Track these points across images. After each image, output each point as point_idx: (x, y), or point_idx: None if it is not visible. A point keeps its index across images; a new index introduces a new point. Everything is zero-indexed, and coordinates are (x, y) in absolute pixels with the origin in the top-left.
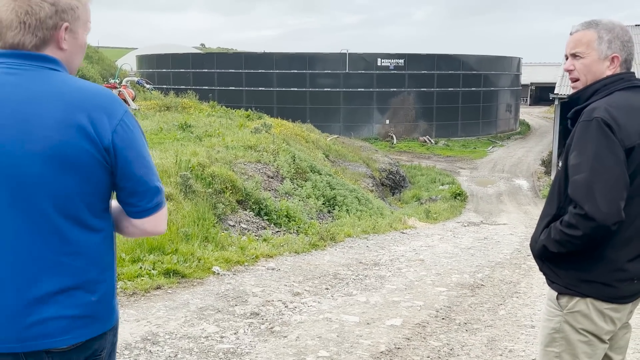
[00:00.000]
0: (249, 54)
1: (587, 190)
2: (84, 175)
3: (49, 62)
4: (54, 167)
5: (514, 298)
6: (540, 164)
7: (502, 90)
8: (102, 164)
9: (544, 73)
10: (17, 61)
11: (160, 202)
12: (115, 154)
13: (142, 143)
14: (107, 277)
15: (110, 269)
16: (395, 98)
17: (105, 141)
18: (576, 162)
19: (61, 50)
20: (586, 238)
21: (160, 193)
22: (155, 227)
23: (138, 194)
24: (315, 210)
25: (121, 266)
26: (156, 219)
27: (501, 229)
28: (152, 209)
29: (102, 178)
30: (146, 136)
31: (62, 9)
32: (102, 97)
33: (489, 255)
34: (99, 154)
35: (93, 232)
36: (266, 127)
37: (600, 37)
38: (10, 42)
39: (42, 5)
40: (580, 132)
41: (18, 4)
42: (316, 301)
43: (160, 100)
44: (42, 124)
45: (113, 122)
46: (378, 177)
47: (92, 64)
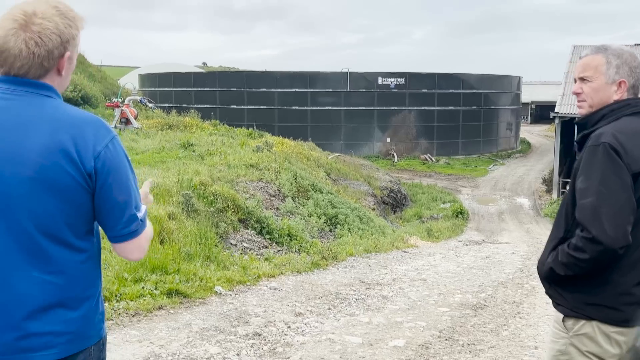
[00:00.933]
0: (251, 72)
1: (594, 214)
2: (67, 198)
3: (43, 89)
4: (38, 190)
5: (517, 319)
6: (542, 183)
7: (503, 108)
8: (85, 188)
9: (544, 92)
10: (12, 87)
11: (136, 231)
12: (97, 179)
13: (125, 169)
14: (91, 294)
15: (95, 286)
16: (396, 116)
17: (87, 166)
18: (583, 186)
19: (59, 76)
20: (593, 261)
21: (135, 221)
22: (129, 254)
23: (114, 219)
24: (317, 229)
25: (123, 286)
26: (130, 246)
27: (503, 247)
28: (126, 235)
29: (85, 201)
30: (148, 155)
31: (66, 39)
32: (89, 123)
33: (491, 274)
34: (81, 178)
35: (77, 252)
36: (268, 146)
37: (608, 62)
38: (16, 71)
39: (50, 37)
40: (588, 157)
41: (29, 35)
42: (319, 322)
43: (162, 119)
44: (29, 148)
45: (97, 148)
46: (379, 195)
47: (95, 83)
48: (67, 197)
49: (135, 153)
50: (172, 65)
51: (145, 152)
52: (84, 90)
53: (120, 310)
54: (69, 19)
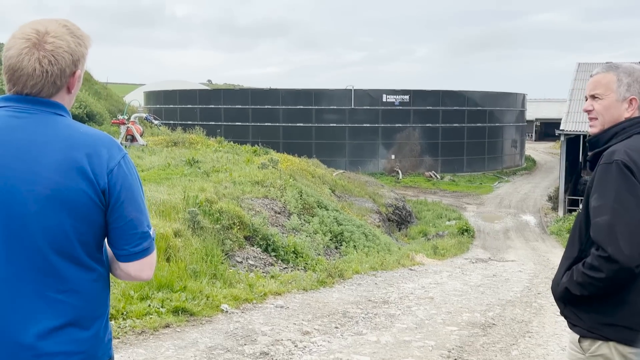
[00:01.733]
0: (256, 90)
1: (609, 232)
2: (81, 216)
3: (54, 107)
4: (52, 207)
5: (527, 338)
6: (547, 200)
7: (508, 126)
8: (98, 205)
9: (548, 109)
10: (25, 105)
11: (147, 249)
12: (110, 195)
13: (137, 187)
14: (101, 313)
15: (105, 305)
16: (400, 133)
17: (101, 183)
18: (597, 204)
19: (69, 94)
20: (609, 281)
21: (148, 239)
22: (140, 273)
23: (126, 237)
24: (322, 246)
25: (130, 304)
26: (141, 264)
27: (510, 265)
28: (138, 253)
29: (97, 219)
30: (154, 172)
31: (77, 58)
32: (103, 141)
33: (499, 293)
34: (95, 195)
35: (88, 271)
36: (273, 163)
37: (619, 80)
38: (28, 90)
39: (63, 55)
40: (601, 175)
41: (42, 53)
42: (326, 340)
43: (167, 136)
44: (43, 166)
45: (111, 165)
46: (384, 212)
47: (100, 100)
48: (82, 215)
49: (140, 170)
50: (177, 83)
51: (151, 169)
52: (89, 108)
53: (126, 328)
54: (78, 37)
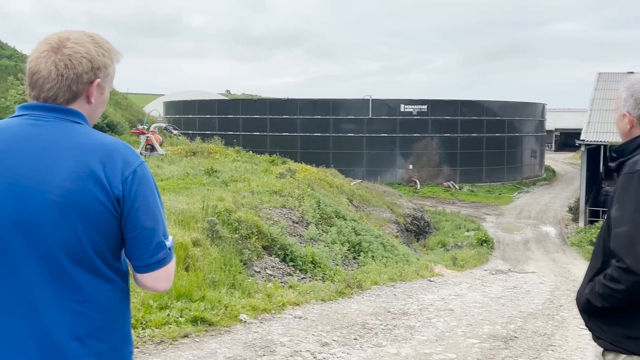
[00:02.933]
0: (273, 100)
1: (628, 243)
2: (94, 224)
3: (72, 115)
4: (67, 216)
5: (549, 351)
6: (568, 211)
7: (527, 136)
8: (113, 213)
9: (568, 119)
10: (42, 113)
11: (164, 259)
12: (124, 204)
13: (153, 196)
14: (120, 325)
15: (124, 316)
16: (418, 143)
17: (116, 191)
18: (618, 214)
19: (89, 104)
20: (629, 292)
21: (164, 249)
22: (156, 284)
23: (141, 247)
24: (340, 257)
25: (149, 313)
26: (158, 275)
27: (530, 277)
28: (154, 264)
29: (113, 228)
30: (173, 181)
31: (97, 66)
32: (118, 149)
33: (520, 305)
34: (110, 203)
35: (105, 281)
36: (291, 172)
37: (621, 94)
38: (45, 94)
39: (80, 60)
40: (623, 185)
41: (59, 57)
42: (345, 352)
43: (186, 146)
44: (59, 174)
45: (126, 172)
46: (402, 222)
47: (121, 110)
48: (95, 223)
49: (160, 179)
50: (196, 93)
51: (170, 178)
52: (109, 118)
53: (145, 337)
54: (102, 48)
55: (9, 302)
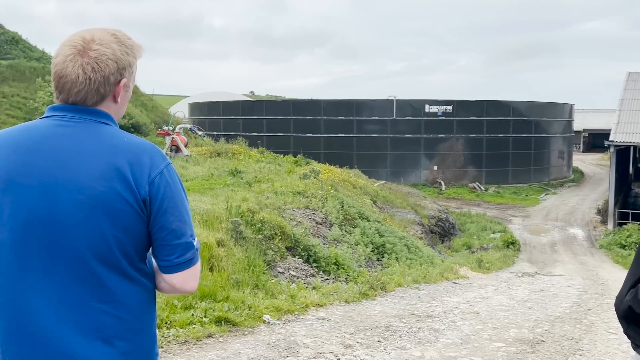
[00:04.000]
0: (297, 101)
1: None
2: (122, 225)
3: (101, 116)
4: (95, 216)
5: (577, 356)
6: (596, 213)
7: (554, 136)
8: (139, 214)
9: (596, 119)
10: (71, 114)
11: (192, 259)
12: (151, 205)
13: (180, 197)
14: (146, 327)
15: (150, 318)
16: (443, 144)
17: (142, 192)
18: None
19: (115, 103)
20: None
21: (192, 249)
22: (184, 285)
23: (169, 248)
24: (364, 258)
25: (173, 313)
26: (185, 275)
27: (557, 280)
28: (182, 264)
29: (139, 228)
30: (198, 182)
31: (123, 66)
32: (145, 149)
33: (547, 308)
34: (136, 204)
35: (132, 282)
36: (314, 173)
37: None
38: (73, 98)
39: (107, 63)
40: None
41: (86, 60)
42: (369, 354)
43: (211, 147)
44: (87, 174)
45: (153, 173)
46: (427, 224)
47: (147, 112)
48: (123, 224)
49: (185, 180)
50: (221, 94)
51: (195, 179)
52: (135, 119)
53: (170, 337)
54: (126, 46)
55: (38, 300)
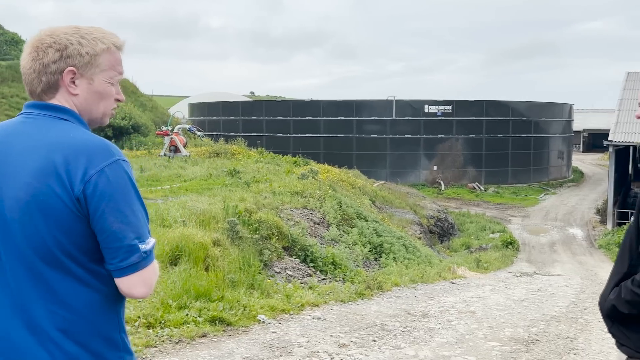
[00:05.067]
0: (297, 101)
1: None
2: (59, 224)
3: (59, 111)
4: (31, 214)
5: (572, 355)
6: (595, 213)
7: (554, 136)
8: (74, 212)
9: (596, 119)
10: (32, 110)
11: (137, 264)
12: (87, 204)
13: (124, 197)
14: (101, 330)
15: (107, 322)
16: (442, 144)
17: (76, 190)
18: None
19: (73, 95)
20: None
21: (136, 253)
22: (131, 289)
23: (111, 250)
24: (361, 258)
25: (168, 312)
26: (132, 280)
27: (555, 280)
28: (126, 268)
29: (80, 228)
30: (196, 182)
31: (69, 55)
32: (88, 146)
33: (543, 308)
34: (70, 202)
35: (80, 283)
36: (313, 173)
37: None
38: (27, 88)
39: (46, 51)
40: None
41: (34, 50)
42: (363, 354)
43: (210, 147)
44: (27, 171)
45: (91, 171)
46: (426, 224)
47: (146, 112)
48: (59, 222)
49: (183, 180)
50: (221, 95)
51: (193, 179)
52: (134, 120)
53: (164, 337)
54: (82, 37)
55: None
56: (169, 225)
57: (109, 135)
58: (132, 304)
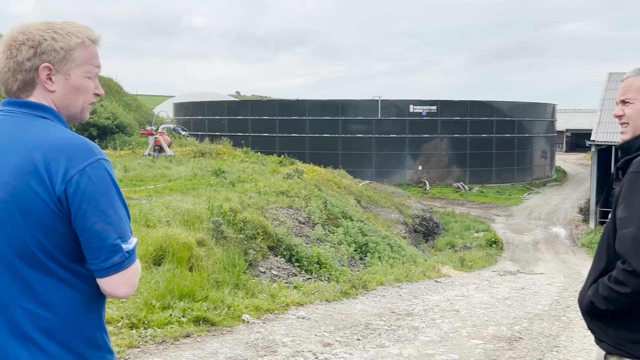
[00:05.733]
0: (282, 101)
1: (635, 245)
2: (39, 224)
3: (37, 109)
4: (10, 213)
5: (554, 352)
6: (578, 212)
7: (537, 136)
8: (57, 213)
9: (579, 119)
10: (9, 108)
11: (119, 264)
12: (69, 204)
13: (106, 196)
14: (81, 330)
15: (88, 321)
16: (427, 144)
17: (57, 190)
18: (624, 215)
19: (50, 92)
20: (635, 296)
21: (119, 253)
22: (113, 290)
23: (93, 251)
24: (346, 257)
25: (151, 313)
26: (115, 280)
27: (538, 278)
28: (108, 268)
29: (60, 228)
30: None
31: (43, 51)
32: (69, 145)
33: (526, 306)
34: (52, 203)
35: (62, 283)
36: (298, 173)
37: None
38: (4, 87)
39: (20, 49)
40: (629, 184)
41: (7, 49)
42: (347, 352)
43: (195, 147)
44: (5, 170)
45: (72, 171)
46: (411, 223)
47: (130, 112)
48: (39, 222)
49: (167, 180)
50: (206, 94)
51: (178, 179)
52: (119, 119)
53: (147, 337)
54: (55, 32)
55: None
56: (152, 226)
57: (93, 134)
58: (114, 304)
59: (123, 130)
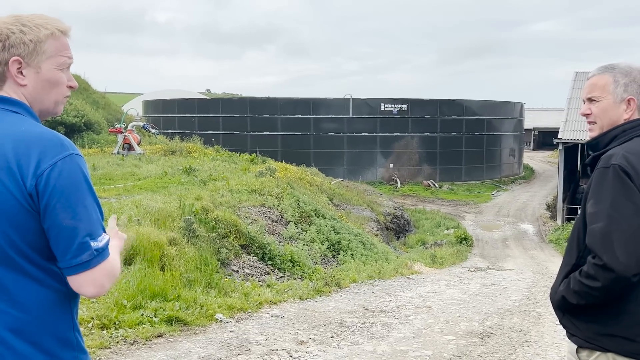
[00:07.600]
0: (254, 99)
1: (605, 240)
2: (9, 220)
3: (6, 103)
4: None
5: (525, 347)
6: (546, 209)
7: (506, 135)
8: (28, 209)
9: (546, 118)
10: None
11: (88, 262)
12: (40, 199)
13: (77, 192)
14: (53, 329)
15: (60, 321)
16: (398, 142)
17: (28, 185)
18: (593, 210)
19: (21, 86)
20: (605, 290)
21: (88, 250)
22: (81, 288)
23: (61, 247)
24: (319, 255)
25: (122, 313)
26: (83, 278)
27: (508, 274)
28: (76, 266)
29: (32, 225)
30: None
31: (11, 44)
32: (40, 139)
33: (497, 302)
34: (23, 198)
35: (34, 282)
36: (270, 171)
37: (616, 81)
38: None
39: None
40: (597, 180)
41: None
42: (321, 350)
43: (165, 145)
44: None
45: (43, 165)
46: (382, 221)
47: (98, 109)
48: (10, 218)
49: (137, 179)
50: (176, 92)
51: (148, 177)
52: (87, 117)
53: (118, 338)
54: (23, 25)
55: None
56: (123, 225)
57: (61, 132)
58: (85, 304)
59: (91, 128)
